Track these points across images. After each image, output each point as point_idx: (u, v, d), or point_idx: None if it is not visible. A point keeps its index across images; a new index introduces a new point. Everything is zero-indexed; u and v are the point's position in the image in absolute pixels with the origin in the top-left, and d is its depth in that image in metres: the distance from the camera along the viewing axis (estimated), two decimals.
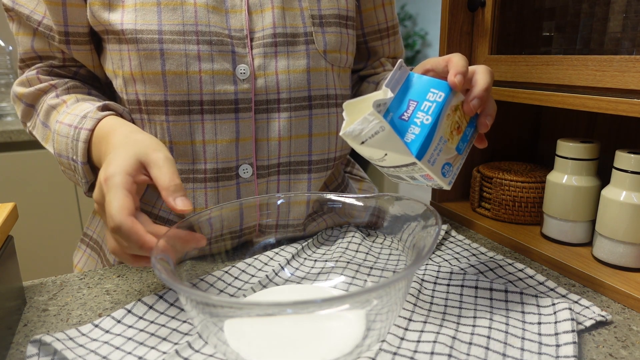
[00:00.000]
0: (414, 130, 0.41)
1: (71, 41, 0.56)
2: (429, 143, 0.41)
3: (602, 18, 0.60)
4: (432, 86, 0.43)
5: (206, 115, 0.54)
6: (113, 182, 0.40)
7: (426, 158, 0.41)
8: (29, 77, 0.59)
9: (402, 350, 0.39)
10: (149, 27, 0.51)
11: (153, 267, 0.36)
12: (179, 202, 0.41)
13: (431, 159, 0.42)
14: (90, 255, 0.67)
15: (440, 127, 0.42)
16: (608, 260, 0.54)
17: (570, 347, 0.39)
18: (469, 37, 0.70)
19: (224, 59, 0.53)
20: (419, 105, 0.42)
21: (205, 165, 0.56)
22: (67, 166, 0.54)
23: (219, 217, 0.50)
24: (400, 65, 0.43)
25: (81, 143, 0.50)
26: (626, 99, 0.48)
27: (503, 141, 0.80)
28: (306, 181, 0.61)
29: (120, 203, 0.39)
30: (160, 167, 0.42)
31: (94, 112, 0.51)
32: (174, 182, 0.41)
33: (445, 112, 0.42)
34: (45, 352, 0.40)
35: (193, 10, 0.52)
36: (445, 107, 0.42)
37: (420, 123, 0.41)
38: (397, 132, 0.41)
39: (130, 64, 0.53)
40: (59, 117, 0.54)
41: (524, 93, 0.60)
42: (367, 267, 0.53)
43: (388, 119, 0.41)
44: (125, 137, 0.47)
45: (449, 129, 0.43)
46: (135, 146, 0.44)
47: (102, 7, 0.52)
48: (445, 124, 0.42)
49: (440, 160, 0.43)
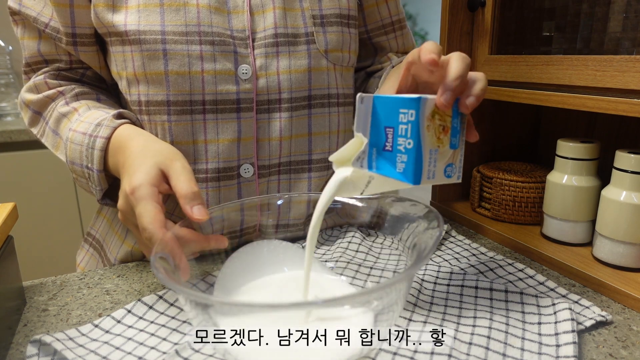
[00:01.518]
0: (402, 158, 0.40)
1: (78, 42, 0.56)
2: (420, 164, 0.39)
3: (602, 18, 0.60)
4: (400, 107, 0.40)
5: (208, 115, 0.54)
6: (140, 194, 0.42)
7: (424, 177, 0.40)
8: (36, 83, 0.59)
9: (402, 350, 0.39)
10: (152, 27, 0.51)
11: (152, 267, 0.36)
12: (195, 211, 0.42)
13: (430, 175, 0.41)
14: (93, 254, 0.67)
15: (425, 142, 0.40)
16: (608, 260, 0.54)
17: (570, 347, 0.39)
18: (469, 37, 0.70)
19: (226, 59, 0.53)
20: (396, 131, 0.40)
21: (207, 165, 0.56)
22: (81, 174, 0.54)
23: (220, 217, 0.50)
24: (361, 99, 0.42)
25: (97, 151, 0.51)
26: (626, 98, 0.48)
27: (503, 141, 0.80)
28: (307, 180, 0.61)
29: (152, 215, 0.41)
30: (178, 175, 0.44)
31: (109, 120, 0.52)
32: (191, 190, 0.43)
33: (424, 126, 0.39)
34: (45, 352, 0.40)
35: (196, 11, 0.52)
36: (421, 122, 0.39)
37: (405, 149, 0.40)
38: (386, 171, 0.41)
39: (134, 64, 0.53)
40: (72, 125, 0.54)
41: (524, 93, 0.60)
42: (367, 267, 0.53)
43: (373, 167, 0.41)
44: (144, 146, 0.48)
45: (435, 137, 0.41)
46: (155, 156, 0.46)
47: (105, 9, 0.52)
48: (428, 136, 0.40)
49: (439, 168, 0.42)
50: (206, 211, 0.43)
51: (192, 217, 0.42)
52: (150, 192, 0.42)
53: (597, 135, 0.70)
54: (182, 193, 0.43)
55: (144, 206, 0.42)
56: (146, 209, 0.41)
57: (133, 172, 0.44)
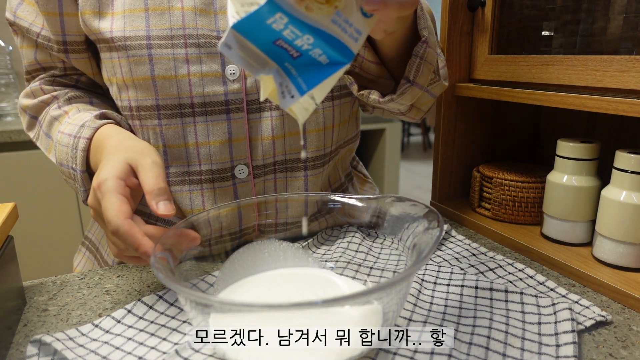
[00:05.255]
0: (316, 52, 0.34)
1: (69, 50, 0.57)
2: (338, 40, 0.34)
3: (602, 18, 0.60)
4: (264, 21, 0.32)
5: (198, 117, 0.54)
6: (106, 187, 0.42)
7: (352, 43, 0.34)
8: (33, 89, 0.60)
9: (402, 350, 0.39)
10: (137, 33, 0.51)
11: (152, 267, 0.36)
12: (161, 206, 0.41)
13: (354, 35, 0.34)
14: (89, 258, 0.67)
15: (321, 21, 0.33)
16: (608, 260, 0.54)
17: (570, 347, 0.39)
18: (469, 37, 0.70)
19: (212, 60, 0.53)
20: (286, 40, 0.34)
21: (200, 167, 0.56)
22: (68, 175, 0.54)
23: (218, 218, 0.50)
24: (225, 45, 0.33)
25: (80, 152, 0.51)
26: (626, 99, 0.48)
27: (503, 141, 0.80)
28: (302, 179, 0.61)
29: (117, 207, 0.40)
30: (146, 171, 0.43)
31: (91, 121, 0.52)
32: (157, 185, 0.42)
33: (302, 12, 0.32)
34: (45, 352, 0.40)
35: (180, 14, 0.52)
36: (297, 13, 0.32)
37: (311, 45, 0.34)
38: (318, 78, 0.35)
39: (122, 70, 0.53)
40: (61, 128, 0.55)
41: (523, 93, 0.60)
42: (367, 267, 0.53)
43: (302, 86, 0.35)
44: (119, 144, 0.48)
45: (318, 1, 0.33)
46: (126, 152, 0.45)
47: (92, 16, 0.53)
48: (317, 12, 0.33)
49: (357, 19, 0.34)
50: (172, 207, 0.42)
51: (157, 212, 0.41)
52: (116, 185, 0.42)
53: (597, 135, 0.70)
54: (148, 189, 0.42)
55: (109, 199, 0.41)
56: (111, 201, 0.41)
57: (101, 167, 0.44)
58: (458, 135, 0.75)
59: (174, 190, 0.57)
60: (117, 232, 0.40)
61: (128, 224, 0.40)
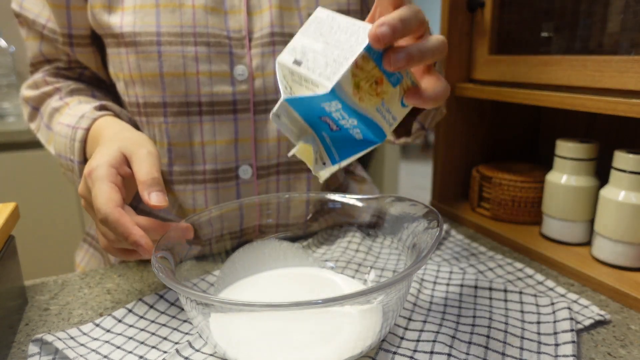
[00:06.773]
0: (355, 132, 0.37)
1: (74, 43, 0.57)
2: (376, 125, 0.36)
3: (601, 18, 0.60)
4: (320, 103, 0.35)
5: (204, 116, 0.54)
6: (97, 174, 0.40)
7: (386, 127, 0.37)
8: (36, 80, 0.60)
9: (401, 350, 0.40)
10: (147, 29, 0.51)
11: (152, 266, 0.36)
12: (153, 197, 0.40)
13: (390, 121, 0.37)
14: (93, 254, 0.67)
15: (367, 109, 0.35)
16: (607, 259, 0.54)
17: (569, 346, 0.39)
18: (469, 37, 0.70)
19: (221, 60, 0.53)
20: (333, 118, 0.36)
21: (205, 167, 0.56)
22: (66, 167, 0.54)
23: (219, 218, 0.50)
24: (275, 116, 0.37)
25: (77, 143, 0.51)
26: (625, 99, 0.48)
27: (502, 141, 0.80)
28: (306, 180, 0.61)
29: (107, 195, 0.39)
30: (141, 161, 0.42)
31: (90, 112, 0.52)
32: (151, 175, 0.40)
33: (355, 101, 0.34)
34: (46, 351, 0.40)
35: (191, 12, 0.52)
36: (350, 102, 0.34)
37: (352, 126, 0.36)
38: (351, 152, 0.38)
39: (129, 66, 0.53)
40: (61, 119, 0.55)
41: (523, 93, 0.60)
42: (367, 267, 0.53)
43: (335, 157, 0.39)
44: (115, 134, 0.47)
45: (372, 96, 0.35)
46: (121, 142, 0.44)
47: (102, 10, 0.53)
48: (367, 102, 0.35)
49: (395, 109, 0.37)
50: (164, 198, 0.40)
51: (148, 203, 0.39)
52: (108, 173, 0.40)
53: (596, 136, 0.70)
54: (141, 179, 0.40)
55: (99, 186, 0.39)
56: (101, 189, 0.39)
57: (94, 155, 0.42)
58: (458, 135, 0.75)
59: (177, 189, 0.57)
60: (106, 220, 0.38)
61: (118, 212, 0.38)
